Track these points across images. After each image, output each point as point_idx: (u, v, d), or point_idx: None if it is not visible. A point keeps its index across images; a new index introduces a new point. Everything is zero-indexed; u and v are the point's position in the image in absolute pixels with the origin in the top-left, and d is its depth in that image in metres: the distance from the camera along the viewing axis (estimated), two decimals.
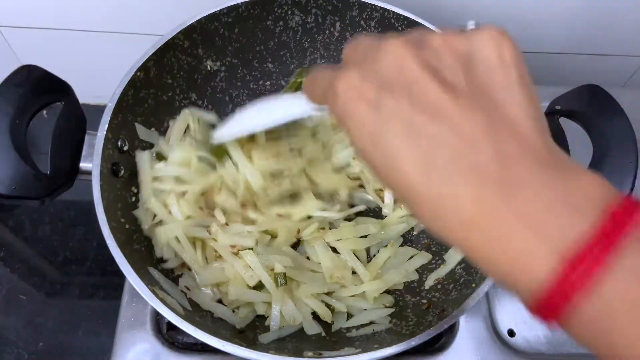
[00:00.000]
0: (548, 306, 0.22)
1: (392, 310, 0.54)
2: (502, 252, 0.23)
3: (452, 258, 0.55)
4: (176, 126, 0.58)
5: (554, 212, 0.22)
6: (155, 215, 0.53)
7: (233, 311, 0.52)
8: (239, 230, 0.53)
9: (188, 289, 0.51)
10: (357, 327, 0.52)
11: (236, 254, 0.53)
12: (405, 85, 0.25)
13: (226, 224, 0.54)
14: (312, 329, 0.50)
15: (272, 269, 0.52)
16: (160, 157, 0.56)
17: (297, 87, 0.66)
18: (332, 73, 0.29)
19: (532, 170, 0.23)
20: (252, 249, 0.53)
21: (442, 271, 0.55)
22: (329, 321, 0.52)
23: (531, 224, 0.22)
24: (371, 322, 0.53)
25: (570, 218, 0.22)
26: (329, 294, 0.53)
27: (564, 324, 0.22)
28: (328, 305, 0.53)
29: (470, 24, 0.31)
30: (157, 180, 0.53)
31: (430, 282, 0.55)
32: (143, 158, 0.54)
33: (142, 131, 0.56)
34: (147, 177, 0.53)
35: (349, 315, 0.54)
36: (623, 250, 0.21)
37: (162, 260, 0.52)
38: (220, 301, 0.52)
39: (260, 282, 0.51)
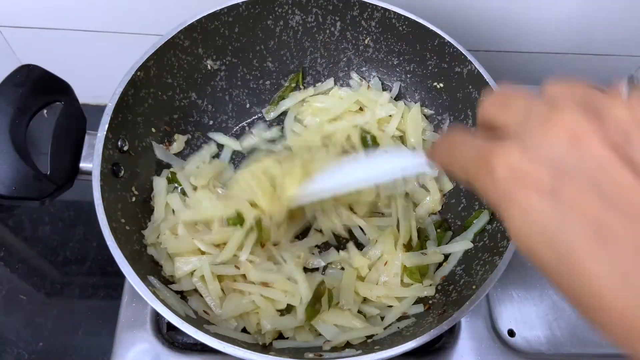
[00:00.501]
0: None
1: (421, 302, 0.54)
2: None
3: (454, 256, 0.56)
4: (197, 157, 0.59)
5: None
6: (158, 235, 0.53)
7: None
8: (268, 268, 0.52)
9: (207, 312, 0.50)
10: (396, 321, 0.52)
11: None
12: (588, 172, 0.20)
13: (250, 261, 0.53)
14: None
15: (321, 284, 0.51)
16: (174, 176, 0.57)
17: (291, 91, 0.66)
18: (483, 144, 0.24)
19: None
20: None
21: (445, 269, 0.55)
22: (367, 333, 0.51)
23: None
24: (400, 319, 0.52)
25: None
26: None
27: None
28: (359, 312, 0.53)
29: (630, 80, 0.26)
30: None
31: (437, 280, 0.55)
32: (159, 184, 0.55)
33: (159, 150, 0.57)
34: (162, 203, 0.54)
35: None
36: None
37: (167, 277, 0.52)
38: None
39: (288, 305, 0.50)
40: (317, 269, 0.57)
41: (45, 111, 0.48)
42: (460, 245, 0.55)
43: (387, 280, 0.54)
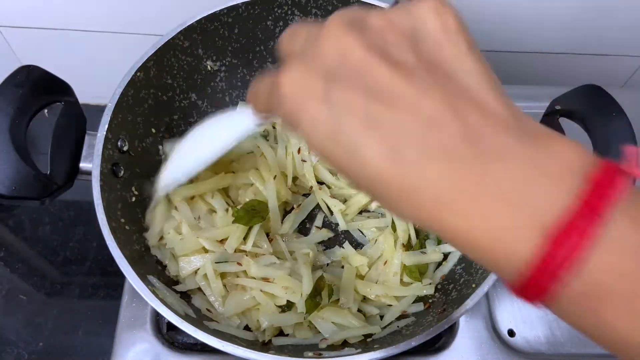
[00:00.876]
0: (533, 286, 0.21)
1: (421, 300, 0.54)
2: (480, 232, 0.21)
3: (453, 255, 0.56)
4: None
5: (531, 185, 0.20)
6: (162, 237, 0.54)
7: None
8: (270, 261, 0.53)
9: (209, 311, 0.50)
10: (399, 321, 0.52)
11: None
12: (352, 73, 0.23)
13: (255, 254, 0.53)
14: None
15: (321, 279, 0.51)
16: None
17: None
18: (273, 75, 0.26)
19: (501, 141, 0.21)
20: None
21: (445, 268, 0.55)
22: (365, 332, 0.51)
23: (509, 199, 0.21)
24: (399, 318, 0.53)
25: (549, 190, 0.20)
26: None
27: (550, 303, 0.21)
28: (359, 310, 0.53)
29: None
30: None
31: (437, 279, 0.55)
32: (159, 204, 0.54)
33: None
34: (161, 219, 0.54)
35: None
36: (609, 220, 0.19)
37: (172, 277, 0.52)
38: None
39: (288, 301, 0.51)
40: (320, 267, 0.57)
41: (46, 111, 0.48)
42: None
43: (387, 279, 0.54)
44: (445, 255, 0.57)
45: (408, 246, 0.57)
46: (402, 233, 0.57)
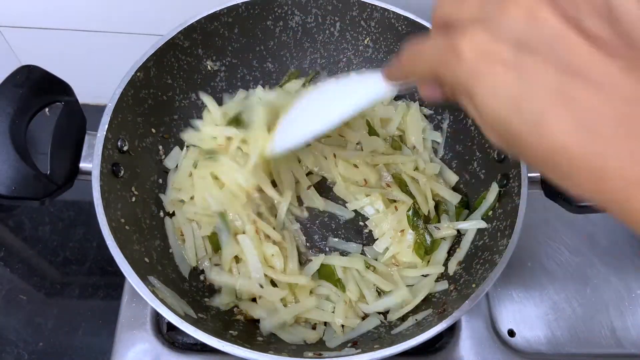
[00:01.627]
0: None
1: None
2: None
3: (465, 240, 0.56)
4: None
5: None
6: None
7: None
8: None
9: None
10: (399, 322, 0.53)
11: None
12: (545, 42, 0.22)
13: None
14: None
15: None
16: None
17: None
18: (445, 37, 0.25)
19: None
20: None
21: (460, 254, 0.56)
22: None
23: None
24: (411, 313, 0.53)
25: None
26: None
27: None
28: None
29: None
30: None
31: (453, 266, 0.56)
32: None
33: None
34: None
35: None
36: None
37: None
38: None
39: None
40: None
41: (47, 110, 0.48)
42: (472, 224, 0.56)
43: (400, 252, 0.56)
44: (458, 243, 0.57)
45: (426, 219, 0.58)
46: (422, 203, 0.58)
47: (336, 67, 0.68)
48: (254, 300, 0.53)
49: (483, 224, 0.55)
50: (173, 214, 0.57)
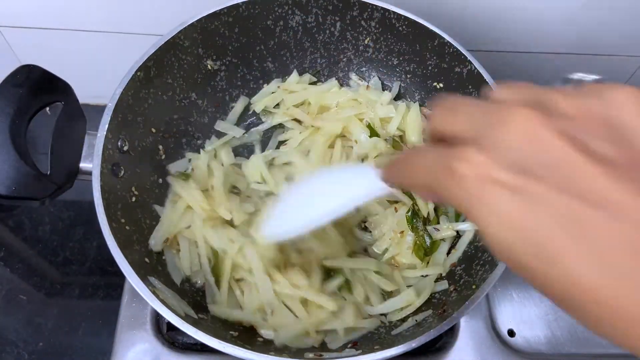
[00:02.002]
0: None
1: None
2: None
3: (462, 242, 0.56)
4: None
5: None
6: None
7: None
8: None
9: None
10: (399, 323, 0.52)
11: None
12: (550, 166, 0.21)
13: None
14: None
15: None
16: (186, 176, 0.57)
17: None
18: (441, 154, 0.24)
19: None
20: None
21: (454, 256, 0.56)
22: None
23: None
24: (412, 315, 0.53)
25: None
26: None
27: None
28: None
29: (577, 76, 0.26)
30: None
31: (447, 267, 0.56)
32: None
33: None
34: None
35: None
36: None
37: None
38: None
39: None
40: None
41: (48, 109, 0.48)
42: (472, 225, 0.56)
43: (399, 253, 0.56)
44: (455, 245, 0.57)
45: (426, 220, 0.58)
46: (422, 206, 0.58)
47: (336, 67, 0.68)
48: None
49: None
50: None
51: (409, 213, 0.56)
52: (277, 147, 0.64)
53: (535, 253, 0.21)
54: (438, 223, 0.58)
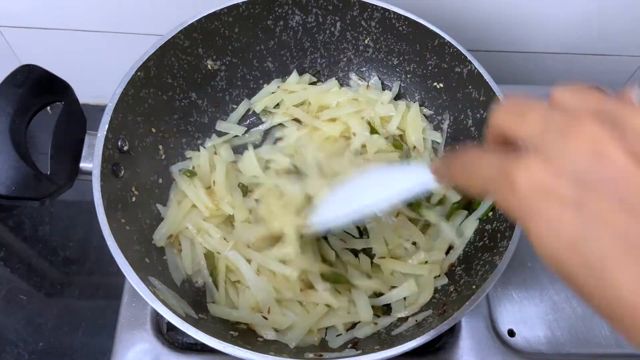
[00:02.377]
0: None
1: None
2: None
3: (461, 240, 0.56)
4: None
5: None
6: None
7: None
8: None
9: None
10: (400, 323, 0.52)
11: None
12: (611, 182, 0.20)
13: None
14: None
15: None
16: (192, 173, 0.57)
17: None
18: (501, 159, 0.24)
19: None
20: None
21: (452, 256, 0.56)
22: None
23: None
24: (412, 315, 0.53)
25: None
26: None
27: None
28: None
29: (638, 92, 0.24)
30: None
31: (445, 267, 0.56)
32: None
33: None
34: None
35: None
36: None
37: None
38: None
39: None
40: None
41: (49, 108, 0.48)
42: (470, 223, 0.56)
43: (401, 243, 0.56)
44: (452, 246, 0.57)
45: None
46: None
47: (336, 67, 0.68)
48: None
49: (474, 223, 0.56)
50: None
51: None
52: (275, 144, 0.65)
53: (586, 265, 0.21)
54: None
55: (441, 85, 0.63)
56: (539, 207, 0.22)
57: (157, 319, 0.56)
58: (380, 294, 0.55)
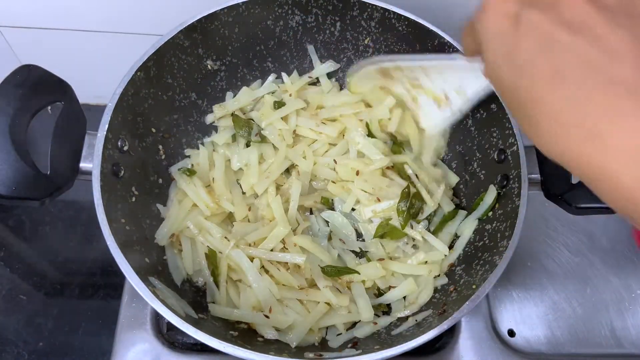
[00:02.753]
0: None
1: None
2: (633, 163, 0.21)
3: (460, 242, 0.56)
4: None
5: None
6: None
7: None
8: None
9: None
10: (400, 323, 0.52)
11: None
12: (550, 1, 0.25)
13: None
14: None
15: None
16: (191, 172, 0.58)
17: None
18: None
19: None
20: None
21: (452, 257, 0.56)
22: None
23: None
24: (412, 315, 0.53)
25: None
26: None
27: None
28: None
29: None
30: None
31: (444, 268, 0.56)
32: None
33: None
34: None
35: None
36: None
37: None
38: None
39: None
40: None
41: (49, 108, 0.47)
42: (470, 223, 0.56)
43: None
44: (451, 246, 0.57)
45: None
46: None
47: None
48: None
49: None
50: None
51: (401, 203, 0.57)
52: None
53: (510, 66, 0.25)
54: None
55: None
56: (491, 23, 0.27)
57: (157, 319, 0.56)
58: (381, 294, 0.55)
